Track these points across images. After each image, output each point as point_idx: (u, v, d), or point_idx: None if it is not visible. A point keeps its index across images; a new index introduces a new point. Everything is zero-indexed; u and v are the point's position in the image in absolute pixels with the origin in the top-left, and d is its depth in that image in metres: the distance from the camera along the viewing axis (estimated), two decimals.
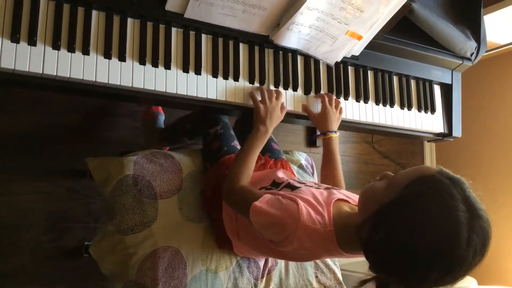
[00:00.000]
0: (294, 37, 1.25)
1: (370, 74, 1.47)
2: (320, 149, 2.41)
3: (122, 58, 1.08)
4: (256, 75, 1.26)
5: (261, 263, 1.30)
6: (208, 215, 1.26)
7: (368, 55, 1.41)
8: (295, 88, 1.32)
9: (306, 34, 1.25)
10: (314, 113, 1.32)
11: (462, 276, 0.77)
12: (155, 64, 1.12)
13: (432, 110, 1.58)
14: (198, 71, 1.17)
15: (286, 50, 1.31)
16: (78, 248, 1.72)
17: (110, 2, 1.07)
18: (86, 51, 1.04)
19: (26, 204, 1.68)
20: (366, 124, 1.47)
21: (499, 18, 1.95)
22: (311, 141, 2.43)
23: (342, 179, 1.28)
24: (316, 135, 2.40)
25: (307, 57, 1.35)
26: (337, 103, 1.34)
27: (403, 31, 1.39)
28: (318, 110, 1.33)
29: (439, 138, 1.63)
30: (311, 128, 2.42)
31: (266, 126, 1.18)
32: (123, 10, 1.09)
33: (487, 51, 1.80)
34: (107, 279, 1.21)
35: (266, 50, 1.29)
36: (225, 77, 1.21)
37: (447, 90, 1.63)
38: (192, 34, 1.18)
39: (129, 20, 1.10)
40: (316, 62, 1.36)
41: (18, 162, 1.69)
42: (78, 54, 1.03)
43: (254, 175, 1.20)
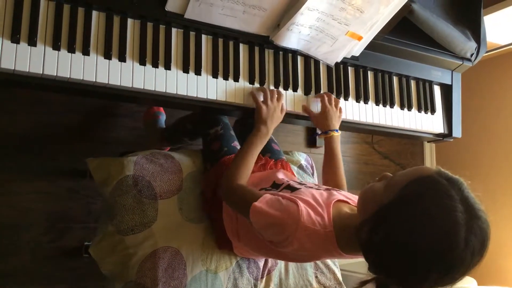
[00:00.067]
0: (294, 37, 1.25)
1: (370, 74, 1.48)
2: (320, 149, 2.41)
3: (122, 58, 1.08)
4: (256, 75, 1.26)
5: (261, 263, 1.30)
6: (208, 216, 1.26)
7: (368, 55, 1.41)
8: (295, 89, 1.32)
9: (306, 35, 1.25)
10: (314, 113, 1.32)
11: (461, 277, 0.77)
12: (155, 65, 1.12)
13: (432, 111, 1.58)
14: (198, 72, 1.18)
15: (286, 51, 1.31)
16: (78, 248, 1.72)
17: (110, 2, 1.07)
18: (86, 52, 1.04)
19: (26, 204, 1.69)
20: (366, 124, 1.47)
21: (499, 18, 1.95)
22: (311, 141, 2.43)
23: (343, 178, 1.28)
24: (316, 134, 2.39)
25: (307, 57, 1.35)
26: (336, 102, 1.34)
27: (403, 31, 1.39)
28: (318, 109, 1.33)
29: (439, 138, 1.63)
30: (311, 128, 2.42)
31: (267, 127, 1.18)
32: (123, 10, 1.09)
33: (487, 52, 1.80)
34: (107, 279, 1.21)
35: (266, 50, 1.29)
36: (225, 77, 1.22)
37: (447, 90, 1.63)
38: (192, 34, 1.18)
39: (129, 20, 1.10)
40: (316, 62, 1.36)
41: (18, 162, 1.69)
42: (78, 55, 1.03)
43: (254, 176, 1.20)
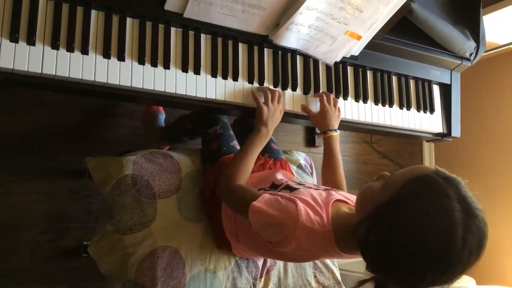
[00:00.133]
0: (293, 37, 1.25)
1: (369, 74, 1.48)
2: (319, 149, 2.41)
3: (121, 57, 1.08)
4: (255, 75, 1.26)
5: (259, 263, 1.30)
6: (207, 215, 1.26)
7: (367, 55, 1.41)
8: (294, 88, 1.32)
9: (306, 34, 1.25)
10: (313, 112, 1.32)
11: (458, 276, 0.77)
12: (154, 64, 1.12)
13: (431, 110, 1.58)
14: (197, 71, 1.17)
15: (286, 50, 1.31)
16: (77, 248, 1.72)
17: (109, 1, 1.07)
18: (85, 51, 1.04)
19: (26, 204, 1.68)
20: (365, 124, 1.47)
21: (498, 18, 1.95)
22: (310, 141, 2.43)
23: (343, 178, 1.28)
24: (316, 133, 2.40)
25: (307, 57, 1.35)
26: (335, 101, 1.34)
27: (402, 31, 1.39)
28: (317, 109, 1.33)
29: (438, 138, 1.63)
30: (310, 128, 2.42)
31: (268, 128, 1.18)
32: (122, 9, 1.09)
33: (486, 51, 1.80)
34: (107, 279, 1.21)
35: (266, 50, 1.29)
36: (224, 77, 1.22)
37: (446, 90, 1.63)
38: (191, 34, 1.18)
39: (128, 19, 1.10)
40: (315, 62, 1.36)
41: (18, 162, 1.69)
42: (77, 54, 1.03)
43: (253, 177, 1.20)
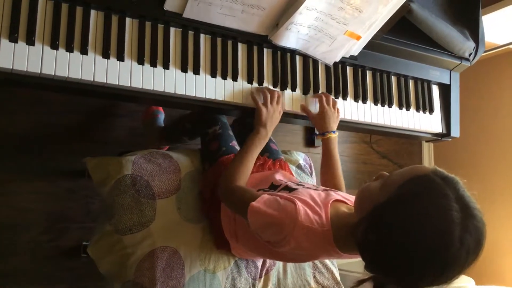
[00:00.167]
0: (293, 37, 1.25)
1: (368, 74, 1.48)
2: (318, 149, 2.41)
3: (120, 57, 1.08)
4: (255, 75, 1.26)
5: (259, 263, 1.30)
6: (207, 216, 1.26)
7: (367, 55, 1.41)
8: (293, 88, 1.32)
9: (305, 34, 1.25)
10: (312, 113, 1.32)
11: (456, 275, 0.77)
12: (153, 64, 1.12)
13: (430, 110, 1.59)
14: (196, 71, 1.17)
15: (285, 50, 1.31)
16: (77, 248, 1.72)
17: (109, 1, 1.06)
18: (84, 51, 1.04)
19: (25, 204, 1.68)
20: (365, 124, 1.47)
21: (497, 18, 1.95)
22: (310, 141, 2.43)
23: (342, 179, 1.28)
24: (315, 134, 2.40)
25: (306, 57, 1.35)
26: (334, 102, 1.34)
27: (402, 31, 1.39)
28: (316, 109, 1.33)
29: (437, 138, 1.63)
30: (310, 128, 2.42)
31: (267, 129, 1.18)
32: (122, 9, 1.09)
33: (485, 52, 1.80)
34: (106, 279, 1.21)
35: (265, 50, 1.29)
36: (223, 77, 1.21)
37: (445, 90, 1.63)
38: (190, 34, 1.18)
39: (127, 19, 1.10)
40: (315, 62, 1.36)
41: (18, 162, 1.69)
42: (77, 54, 1.03)
43: (252, 177, 1.20)
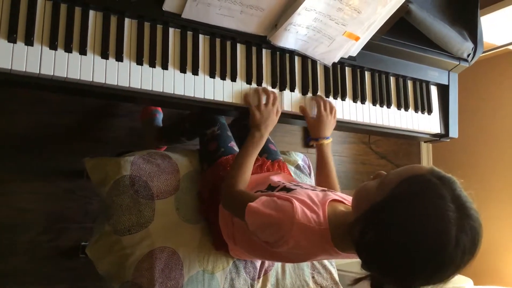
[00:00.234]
0: (291, 37, 1.25)
1: (367, 74, 1.48)
2: None
3: (119, 58, 1.08)
4: (254, 75, 1.26)
5: (257, 263, 1.30)
6: (205, 217, 1.26)
7: (365, 56, 1.42)
8: (292, 89, 1.32)
9: (304, 35, 1.25)
10: (310, 117, 1.32)
11: (452, 275, 0.77)
12: (152, 64, 1.12)
13: (429, 111, 1.59)
14: (195, 72, 1.17)
15: (284, 51, 1.31)
16: (75, 248, 1.72)
17: (108, 2, 1.06)
18: (83, 51, 1.04)
19: (25, 205, 1.68)
20: (363, 124, 1.47)
21: (495, 19, 1.96)
22: (308, 141, 2.43)
23: (336, 183, 1.28)
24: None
25: (305, 57, 1.35)
26: (331, 108, 1.33)
27: (400, 32, 1.39)
28: (314, 113, 1.33)
29: (435, 138, 1.63)
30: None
31: (261, 132, 1.18)
32: (121, 10, 1.08)
33: (483, 52, 1.80)
34: (105, 280, 1.21)
35: (264, 50, 1.29)
36: (222, 77, 1.21)
37: (444, 91, 1.63)
38: (189, 34, 1.18)
39: (126, 20, 1.10)
40: (314, 62, 1.37)
41: (18, 162, 1.68)
42: (75, 54, 1.03)
43: (250, 180, 1.20)
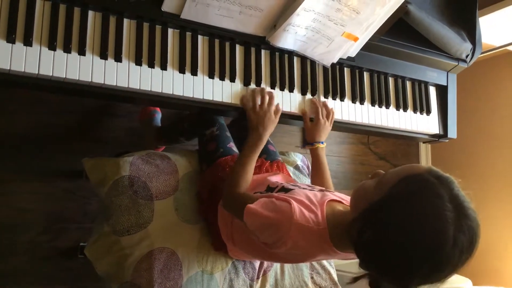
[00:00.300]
0: (290, 38, 1.25)
1: (366, 75, 1.48)
2: None
3: (118, 58, 1.08)
4: (253, 76, 1.26)
5: (256, 264, 1.30)
6: (204, 218, 1.26)
7: (364, 56, 1.42)
8: (291, 89, 1.32)
9: (303, 36, 1.25)
10: (308, 122, 1.31)
11: (449, 275, 0.77)
12: (151, 65, 1.12)
13: (428, 112, 1.59)
14: (194, 72, 1.17)
15: (283, 51, 1.31)
16: (74, 248, 1.72)
17: (107, 2, 1.06)
18: (82, 52, 1.04)
19: (25, 205, 1.68)
20: (362, 125, 1.47)
21: (494, 20, 1.96)
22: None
23: (330, 183, 1.29)
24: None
25: (304, 58, 1.35)
26: (328, 114, 1.33)
27: (399, 32, 1.39)
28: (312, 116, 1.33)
29: (434, 139, 1.64)
30: None
31: (259, 133, 1.17)
32: (120, 10, 1.08)
33: (482, 53, 1.81)
34: (104, 280, 1.21)
35: (263, 51, 1.29)
36: (221, 78, 1.21)
37: (442, 91, 1.63)
38: (188, 35, 1.18)
39: (125, 20, 1.10)
40: (313, 63, 1.37)
41: (18, 162, 1.68)
42: (74, 55, 1.03)
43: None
